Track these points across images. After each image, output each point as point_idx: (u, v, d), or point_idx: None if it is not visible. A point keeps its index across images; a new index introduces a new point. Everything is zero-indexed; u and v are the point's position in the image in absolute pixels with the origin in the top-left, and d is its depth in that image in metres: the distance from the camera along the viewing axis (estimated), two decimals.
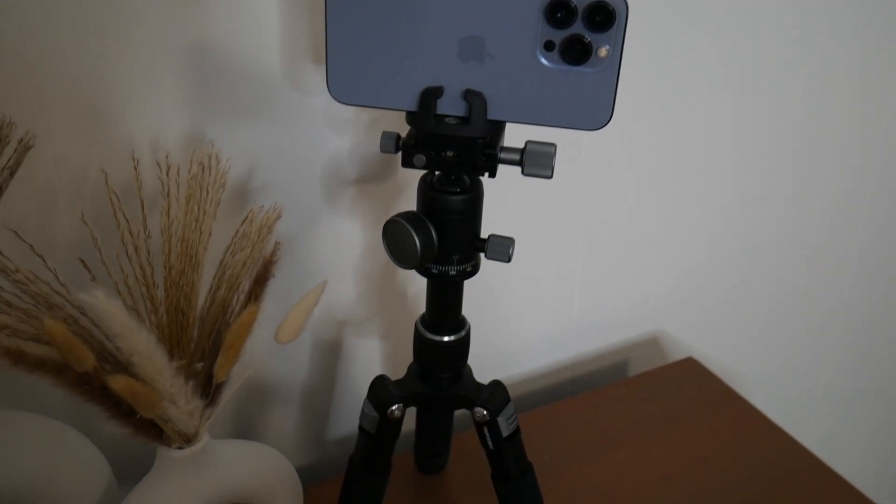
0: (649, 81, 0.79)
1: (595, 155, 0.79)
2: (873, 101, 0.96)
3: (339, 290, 0.72)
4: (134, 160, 0.52)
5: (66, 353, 0.45)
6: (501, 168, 0.50)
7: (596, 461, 0.74)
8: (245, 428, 0.73)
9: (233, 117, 0.60)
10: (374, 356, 0.77)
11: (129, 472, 0.58)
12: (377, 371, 0.77)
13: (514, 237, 0.53)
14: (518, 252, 0.79)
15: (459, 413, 0.82)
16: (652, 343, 0.95)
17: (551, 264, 0.83)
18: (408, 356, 0.61)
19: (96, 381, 0.47)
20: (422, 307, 0.59)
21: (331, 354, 0.75)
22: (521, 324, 0.85)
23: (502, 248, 0.52)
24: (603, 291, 0.88)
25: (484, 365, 0.65)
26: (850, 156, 0.99)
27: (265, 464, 0.58)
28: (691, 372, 0.87)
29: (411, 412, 0.65)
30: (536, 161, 0.49)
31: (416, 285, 0.75)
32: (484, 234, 0.53)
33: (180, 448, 0.52)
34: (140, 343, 0.46)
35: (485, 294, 0.74)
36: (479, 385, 0.59)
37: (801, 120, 0.92)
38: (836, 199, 1.01)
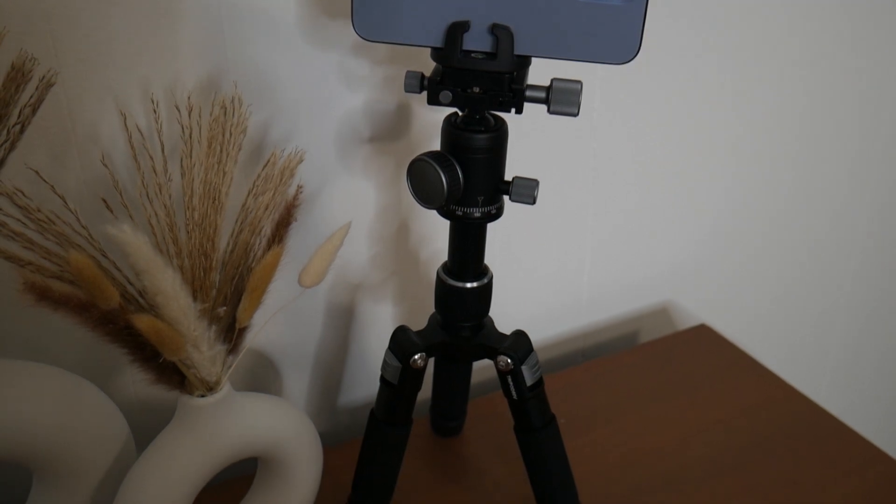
0: (661, 52, 0.79)
1: (605, 125, 0.79)
2: (884, 70, 0.97)
3: (352, 251, 0.71)
4: (153, 101, 0.51)
5: (91, 287, 0.44)
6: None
7: (612, 424, 0.74)
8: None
9: (247, 73, 0.60)
10: (388, 321, 0.76)
11: (143, 436, 0.57)
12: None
13: (522, 216, 0.52)
14: (527, 225, 0.80)
15: (475, 380, 0.82)
16: (662, 314, 0.95)
17: (561, 234, 0.83)
18: (422, 321, 0.61)
19: (120, 321, 0.47)
20: (435, 270, 0.58)
21: (344, 319, 0.74)
22: (532, 294, 0.84)
23: (527, 190, 0.52)
24: (613, 261, 0.88)
25: None
26: (861, 125, 0.99)
27: (286, 419, 0.57)
28: (705, 338, 0.87)
29: (428, 385, 0.65)
30: (563, 98, 0.49)
31: (430, 248, 0.75)
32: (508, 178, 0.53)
33: (202, 396, 0.51)
34: (165, 281, 0.45)
35: (494, 264, 0.73)
36: (502, 334, 0.58)
37: (812, 89, 0.92)
38: (847, 169, 1.02)
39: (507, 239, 0.77)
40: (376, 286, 0.74)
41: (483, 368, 0.83)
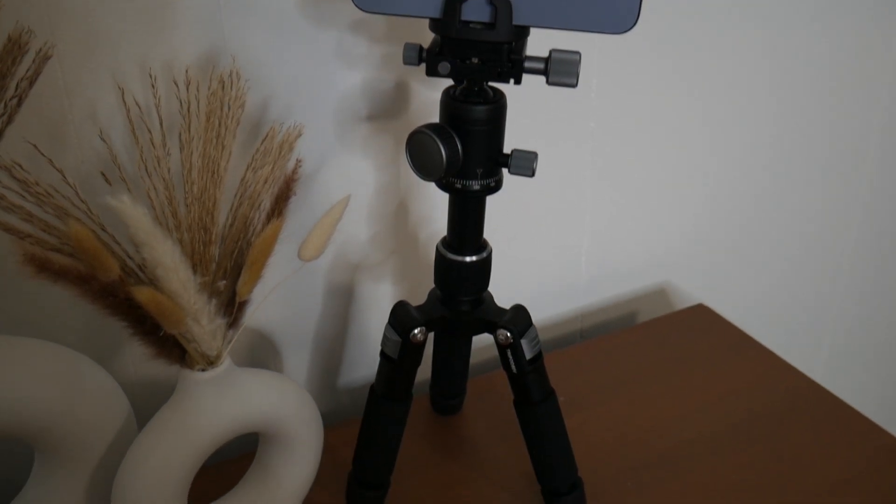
0: (659, 27, 0.79)
1: (603, 104, 0.79)
2: (885, 39, 0.97)
3: (352, 231, 0.71)
4: (151, 76, 0.51)
5: (91, 259, 0.44)
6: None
7: (610, 402, 0.74)
8: None
9: (244, 51, 0.59)
10: (388, 301, 0.76)
11: (144, 416, 0.57)
12: None
13: (521, 195, 0.52)
14: (525, 205, 0.80)
15: (474, 360, 0.82)
16: (660, 294, 0.95)
17: (558, 214, 0.83)
18: (421, 301, 0.61)
19: (121, 293, 0.46)
20: (433, 253, 0.58)
21: (344, 299, 0.74)
22: (530, 274, 0.84)
23: (526, 163, 0.52)
24: (611, 242, 0.88)
25: None
26: (858, 104, 0.99)
27: (287, 394, 0.57)
28: (703, 318, 0.87)
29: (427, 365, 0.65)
30: (562, 68, 0.49)
31: (429, 228, 0.75)
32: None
33: (203, 370, 0.51)
34: (165, 254, 0.45)
35: (492, 244, 0.73)
36: (501, 309, 0.58)
37: (813, 62, 0.92)
38: (844, 147, 1.02)
39: (505, 220, 0.77)
40: (376, 266, 0.74)
41: (483, 349, 0.84)
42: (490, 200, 0.56)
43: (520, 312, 0.57)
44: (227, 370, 0.52)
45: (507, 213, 0.78)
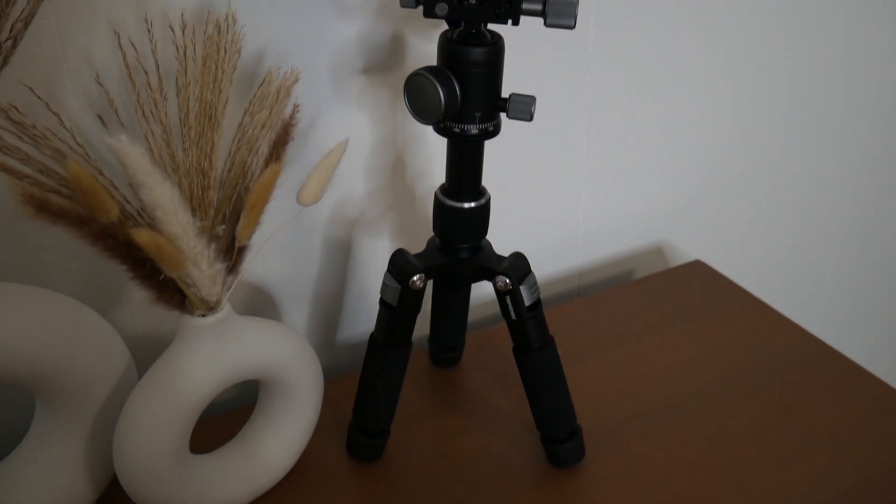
0: None
1: (599, 59, 0.79)
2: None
3: (349, 185, 0.71)
4: (147, 21, 0.51)
5: (90, 199, 0.44)
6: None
7: (608, 354, 0.74)
8: None
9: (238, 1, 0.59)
10: (385, 257, 0.76)
11: (143, 370, 0.57)
12: None
13: (517, 153, 0.52)
14: (522, 163, 0.80)
15: (472, 317, 0.82)
16: (656, 253, 0.95)
17: (555, 173, 0.83)
18: None
19: (120, 235, 0.46)
20: (430, 208, 0.59)
21: (342, 255, 0.74)
22: (527, 233, 0.84)
23: (524, 107, 0.52)
24: (608, 198, 0.88)
25: None
26: (854, 58, 0.99)
27: (287, 341, 0.57)
28: (700, 273, 0.87)
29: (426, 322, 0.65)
30: (560, 10, 0.48)
31: (426, 183, 0.75)
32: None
33: (203, 316, 0.52)
34: (164, 195, 0.45)
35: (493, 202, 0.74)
36: (500, 256, 0.58)
37: (805, 24, 0.92)
38: (843, 100, 1.02)
39: (502, 177, 0.77)
40: (373, 221, 0.74)
41: (482, 305, 0.84)
42: (487, 160, 0.56)
43: (519, 259, 0.58)
44: (227, 316, 0.53)
45: (503, 170, 0.78)
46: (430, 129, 0.72)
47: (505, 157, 0.77)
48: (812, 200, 1.08)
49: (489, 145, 0.57)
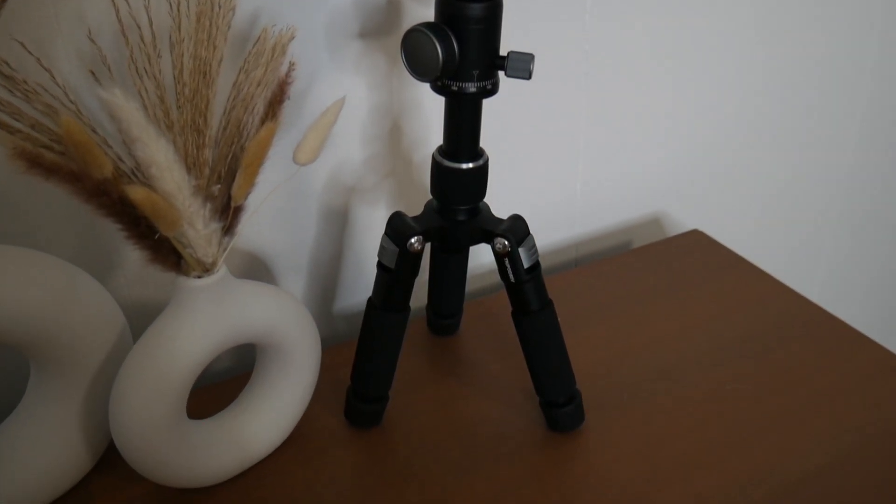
0: None
1: (597, 27, 0.78)
2: None
3: (345, 151, 0.70)
4: None
5: (83, 153, 0.43)
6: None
7: (607, 322, 0.74)
8: None
9: None
10: (382, 226, 0.75)
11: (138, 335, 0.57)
12: None
13: (517, 120, 0.52)
14: (520, 132, 0.79)
15: (470, 287, 0.82)
16: (654, 224, 0.95)
17: (552, 144, 0.82)
18: None
19: (114, 193, 0.46)
20: (428, 176, 0.58)
21: (339, 223, 0.73)
22: (524, 204, 0.84)
23: (522, 64, 0.51)
24: (606, 169, 0.88)
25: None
26: (851, 24, 0.99)
27: (283, 305, 0.57)
28: (698, 242, 0.87)
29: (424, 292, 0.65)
30: None
31: (423, 150, 0.74)
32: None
33: (199, 277, 0.51)
34: (159, 151, 0.44)
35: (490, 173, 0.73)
36: (499, 218, 0.58)
37: None
38: (839, 71, 1.01)
39: (499, 149, 0.77)
40: (370, 189, 0.73)
41: (480, 276, 0.84)
42: (483, 131, 0.55)
43: (517, 221, 0.57)
44: (223, 278, 0.52)
45: (499, 142, 0.77)
46: (427, 95, 0.72)
47: (501, 128, 0.77)
48: (810, 171, 1.08)
49: (485, 117, 0.56)
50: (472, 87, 0.51)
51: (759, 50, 0.92)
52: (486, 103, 0.56)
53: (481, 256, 0.83)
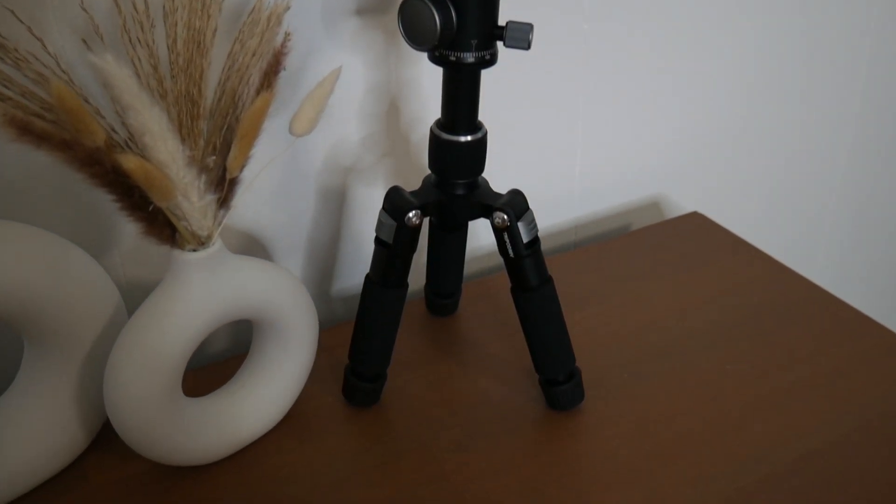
0: None
1: (596, 8, 0.77)
2: None
3: (342, 131, 0.70)
4: None
5: (74, 121, 0.42)
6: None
7: (606, 302, 0.74)
8: None
9: None
10: (379, 207, 0.75)
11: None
12: None
13: (516, 103, 0.51)
14: (519, 115, 0.78)
15: (469, 269, 0.81)
16: (653, 207, 0.95)
17: (551, 127, 0.82)
18: None
19: (107, 162, 0.45)
20: (426, 155, 0.57)
21: (336, 204, 0.73)
22: (524, 186, 0.83)
23: (521, 34, 0.50)
24: (605, 151, 0.87)
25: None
26: (851, 9, 0.98)
27: (280, 280, 0.56)
28: (697, 224, 0.87)
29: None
30: None
31: (421, 129, 0.74)
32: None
33: (194, 250, 0.50)
34: (152, 119, 0.44)
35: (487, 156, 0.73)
36: (497, 193, 0.57)
37: None
38: (837, 54, 1.01)
39: (496, 131, 0.76)
40: (368, 169, 0.73)
41: (478, 258, 0.83)
42: (480, 113, 0.55)
43: (516, 196, 0.56)
44: (218, 251, 0.51)
45: (498, 124, 0.76)
46: (425, 73, 0.71)
47: (499, 110, 0.76)
48: (810, 155, 1.07)
49: (484, 98, 0.55)
50: (470, 58, 0.51)
51: (759, 31, 0.91)
52: (484, 89, 0.55)
53: (480, 238, 0.83)
